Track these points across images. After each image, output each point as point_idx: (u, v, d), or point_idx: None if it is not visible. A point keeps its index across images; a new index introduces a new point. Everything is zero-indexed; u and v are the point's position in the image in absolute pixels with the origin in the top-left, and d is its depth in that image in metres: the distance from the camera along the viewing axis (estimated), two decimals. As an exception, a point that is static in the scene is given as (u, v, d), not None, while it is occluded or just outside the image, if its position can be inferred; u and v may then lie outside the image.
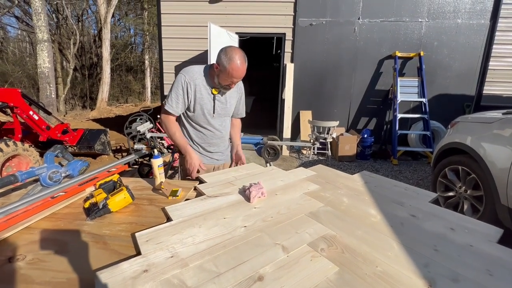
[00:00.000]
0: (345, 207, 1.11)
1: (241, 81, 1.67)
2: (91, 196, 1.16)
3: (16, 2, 11.89)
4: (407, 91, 4.97)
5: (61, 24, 14.14)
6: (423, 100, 4.87)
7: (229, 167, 1.79)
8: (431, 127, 4.89)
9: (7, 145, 3.18)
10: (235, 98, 1.69)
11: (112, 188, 1.21)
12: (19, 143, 3.34)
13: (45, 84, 8.10)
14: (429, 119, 4.83)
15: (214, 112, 1.57)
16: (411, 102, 5.17)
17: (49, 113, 4.33)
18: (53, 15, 14.09)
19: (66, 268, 0.77)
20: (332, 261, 0.76)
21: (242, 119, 1.88)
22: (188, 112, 1.57)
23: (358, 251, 0.82)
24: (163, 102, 1.54)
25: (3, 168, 3.17)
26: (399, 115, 4.86)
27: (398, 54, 5.02)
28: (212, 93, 1.53)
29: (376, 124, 5.51)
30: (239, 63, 1.38)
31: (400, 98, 4.86)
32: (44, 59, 8.00)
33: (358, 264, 0.75)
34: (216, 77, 1.47)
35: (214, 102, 1.55)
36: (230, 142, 1.84)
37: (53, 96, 8.35)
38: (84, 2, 14.82)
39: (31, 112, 3.66)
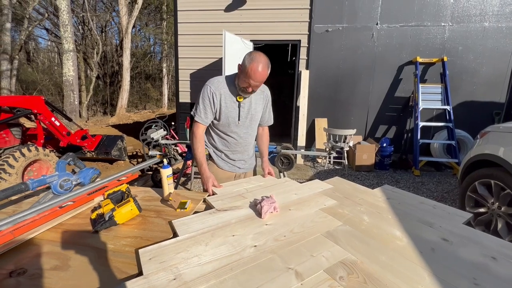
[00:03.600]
0: (366, 226, 1.01)
1: (267, 89, 1.68)
2: (99, 206, 1.14)
3: (46, 15, 12.71)
4: (429, 98, 4.73)
5: (86, 35, 14.94)
6: (447, 107, 4.60)
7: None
8: (456, 136, 4.60)
9: (29, 150, 3.30)
10: (261, 105, 1.65)
11: (120, 199, 1.18)
12: (40, 148, 3.46)
13: (69, 91, 8.51)
14: (454, 128, 4.55)
15: (239, 120, 1.55)
16: (433, 109, 4.91)
17: (69, 120, 4.49)
18: (79, 26, 14.94)
19: (64, 286, 0.73)
20: (353, 294, 0.66)
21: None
22: (214, 121, 1.56)
23: (383, 281, 0.72)
24: (192, 113, 1.56)
25: (25, 172, 3.29)
26: (421, 123, 4.61)
27: (419, 59, 4.81)
28: (237, 100, 1.51)
29: (395, 132, 5.27)
30: (260, 66, 1.34)
31: (422, 105, 4.62)
32: (69, 68, 8.42)
33: (383, 298, 0.66)
34: (237, 78, 1.46)
35: (239, 110, 1.54)
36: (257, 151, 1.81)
37: (76, 103, 8.74)
38: (108, 14, 15.61)
39: (53, 119, 3.81)
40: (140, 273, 0.76)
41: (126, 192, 1.21)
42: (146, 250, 0.84)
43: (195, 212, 1.14)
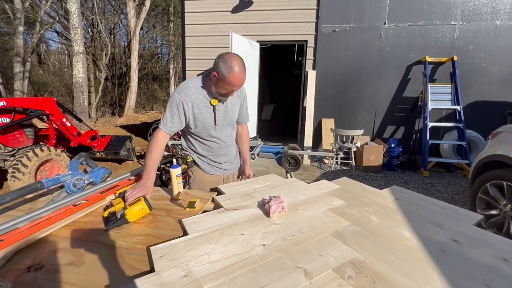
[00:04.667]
0: (374, 227, 1.01)
1: (243, 86, 1.54)
2: (111, 205, 1.16)
3: (57, 18, 13.02)
4: (438, 98, 4.66)
5: (95, 37, 15.24)
6: (457, 107, 4.52)
7: (238, 180, 1.74)
8: (467, 136, 4.51)
9: (42, 150, 3.39)
10: (238, 104, 1.59)
11: None
12: (52, 149, 3.55)
13: (79, 92, 8.69)
14: (464, 128, 4.47)
15: (216, 124, 1.49)
16: (443, 110, 4.83)
17: (80, 120, 4.60)
18: (89, 29, 15.24)
19: (80, 281, 0.75)
20: (362, 293, 0.67)
21: (262, 127, 1.83)
22: (190, 129, 1.51)
23: (392, 281, 0.72)
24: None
25: (37, 172, 3.38)
26: (430, 124, 4.55)
27: (428, 59, 4.75)
28: (211, 104, 1.44)
29: (404, 133, 5.21)
30: (240, 71, 1.29)
31: (431, 105, 4.56)
32: (79, 70, 8.61)
33: (393, 298, 0.66)
34: (214, 85, 1.37)
35: (214, 114, 1.47)
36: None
37: (85, 104, 8.92)
38: (116, 17, 15.89)
39: (64, 119, 3.90)
40: (151, 270, 0.78)
41: None
42: (157, 247, 0.86)
43: (204, 211, 1.16)
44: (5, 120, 3.33)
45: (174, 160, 1.33)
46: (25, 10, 11.14)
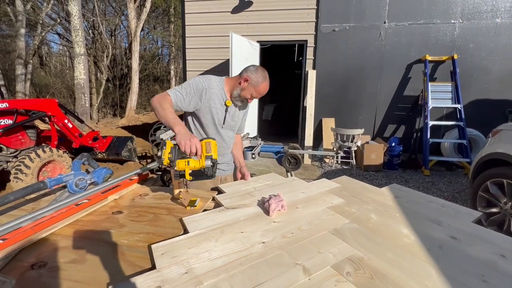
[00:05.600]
0: (373, 224, 1.01)
1: None
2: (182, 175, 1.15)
3: (58, 20, 13.08)
4: (439, 96, 4.65)
5: (96, 39, 15.30)
6: (458, 106, 4.52)
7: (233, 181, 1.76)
8: (468, 135, 4.51)
9: (44, 151, 3.42)
10: (242, 114, 1.70)
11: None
12: (54, 150, 3.58)
13: (81, 94, 8.73)
14: (465, 127, 4.46)
15: (224, 123, 1.56)
16: (444, 108, 4.83)
17: (81, 121, 4.63)
18: (90, 30, 15.31)
19: (83, 278, 0.77)
20: (360, 288, 0.68)
21: (263, 127, 1.88)
22: (200, 119, 1.54)
23: (390, 277, 0.72)
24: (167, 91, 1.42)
25: (40, 173, 3.40)
26: (431, 122, 4.54)
27: (429, 58, 4.74)
28: (225, 104, 1.53)
29: (404, 132, 5.20)
30: (268, 83, 1.50)
31: (431, 104, 4.56)
32: (80, 71, 8.65)
33: (390, 293, 0.67)
34: (240, 89, 1.49)
35: (225, 113, 1.55)
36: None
37: (87, 105, 8.96)
38: (117, 18, 15.95)
39: (66, 121, 3.93)
40: (153, 267, 0.79)
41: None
42: (159, 245, 0.87)
43: (205, 210, 1.17)
44: (7, 121, 3.36)
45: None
46: (27, 13, 11.20)
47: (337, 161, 4.97)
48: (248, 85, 1.47)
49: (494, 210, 2.30)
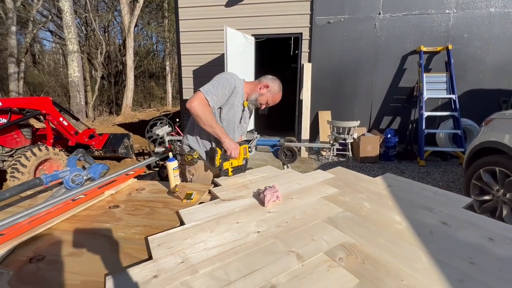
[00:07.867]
0: (366, 212, 1.04)
1: None
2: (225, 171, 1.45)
3: (50, 17, 12.84)
4: (434, 87, 4.67)
5: (89, 36, 15.06)
6: (453, 96, 4.54)
7: None
8: (462, 125, 4.54)
9: (40, 150, 3.40)
10: (248, 120, 1.75)
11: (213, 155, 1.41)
12: (50, 148, 3.55)
13: (75, 92, 8.64)
14: (459, 117, 4.50)
15: (240, 123, 1.63)
16: (439, 99, 4.85)
17: (77, 119, 4.59)
18: (82, 27, 15.05)
19: (81, 270, 0.78)
20: (352, 272, 0.70)
21: (260, 121, 1.90)
22: (221, 116, 1.54)
23: (381, 261, 0.75)
24: (199, 90, 1.41)
25: (36, 171, 3.39)
26: (426, 113, 4.57)
27: (423, 48, 4.74)
28: (242, 104, 1.59)
29: (400, 123, 5.23)
30: (281, 94, 1.61)
31: (426, 95, 4.58)
32: (74, 69, 8.54)
33: (380, 276, 0.69)
34: (258, 94, 1.57)
35: (242, 113, 1.62)
36: None
37: (82, 103, 8.88)
38: (110, 14, 15.68)
39: (61, 119, 3.90)
40: (149, 258, 0.80)
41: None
42: (155, 237, 0.88)
43: (201, 203, 1.19)
44: (1, 120, 3.33)
45: (171, 154, 1.35)
46: (17, 10, 10.97)
47: (333, 153, 4.99)
48: (267, 92, 1.56)
49: (486, 197, 2.34)
